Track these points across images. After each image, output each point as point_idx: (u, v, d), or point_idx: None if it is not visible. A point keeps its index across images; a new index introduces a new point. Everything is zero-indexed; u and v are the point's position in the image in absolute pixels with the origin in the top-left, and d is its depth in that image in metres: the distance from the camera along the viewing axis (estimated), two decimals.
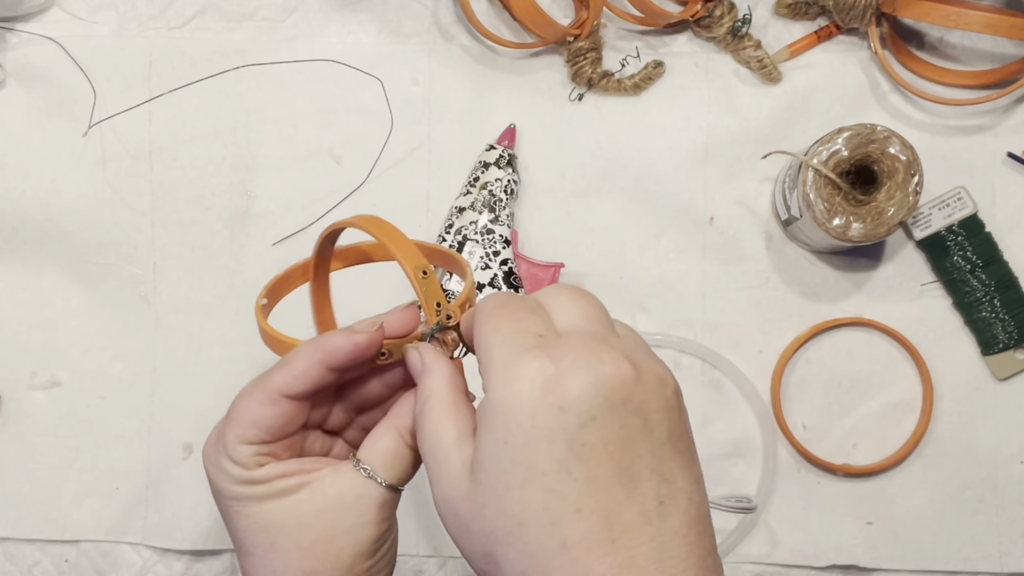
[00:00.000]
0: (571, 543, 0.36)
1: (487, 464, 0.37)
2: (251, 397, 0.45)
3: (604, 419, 0.36)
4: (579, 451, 0.36)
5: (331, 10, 0.71)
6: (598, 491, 0.36)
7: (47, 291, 0.71)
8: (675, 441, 0.38)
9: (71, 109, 0.71)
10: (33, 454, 0.71)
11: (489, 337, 0.39)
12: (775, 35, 0.71)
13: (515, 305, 0.40)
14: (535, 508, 0.36)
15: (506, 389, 0.37)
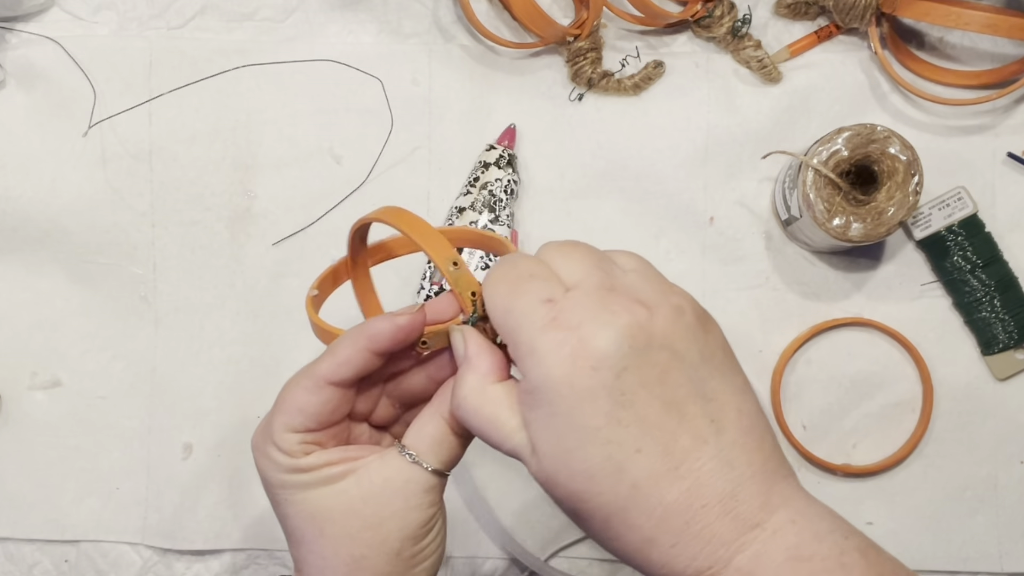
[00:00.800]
0: (640, 482, 0.38)
1: (543, 438, 0.39)
2: (297, 385, 0.46)
3: (635, 364, 0.38)
4: (621, 399, 0.38)
5: (331, 10, 0.71)
6: (650, 429, 0.38)
7: (47, 291, 0.71)
8: (709, 361, 0.40)
9: (71, 109, 0.71)
10: (33, 454, 0.71)
11: (505, 322, 0.40)
12: (775, 35, 0.71)
13: (515, 276, 0.41)
14: (599, 462, 0.38)
15: (538, 371, 0.38)
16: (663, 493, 0.38)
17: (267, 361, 0.71)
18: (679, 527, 0.38)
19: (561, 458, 0.39)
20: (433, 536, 0.45)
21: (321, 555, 0.44)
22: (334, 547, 0.44)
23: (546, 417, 0.39)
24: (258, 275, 0.70)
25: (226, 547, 0.70)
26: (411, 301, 0.70)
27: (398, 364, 0.47)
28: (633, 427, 0.38)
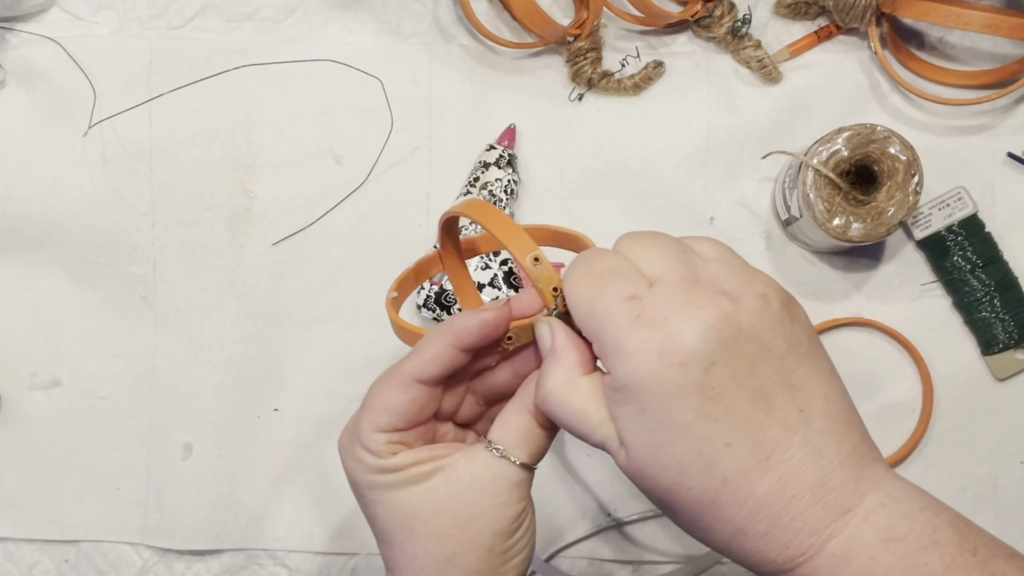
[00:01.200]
0: (730, 476, 0.38)
1: (632, 434, 0.39)
2: (385, 384, 0.45)
3: (723, 358, 0.38)
4: (711, 394, 0.38)
5: (331, 10, 0.71)
6: (740, 422, 0.38)
7: (47, 291, 0.71)
8: (796, 349, 0.40)
9: (71, 109, 0.71)
10: (33, 454, 0.71)
11: (589, 321, 0.40)
12: (775, 35, 0.71)
13: (596, 272, 0.41)
14: (689, 457, 0.38)
15: (626, 368, 0.38)
16: (754, 485, 0.38)
17: (267, 361, 0.71)
18: (770, 517, 0.38)
19: (651, 453, 0.39)
20: (524, 531, 0.45)
21: (412, 555, 0.44)
22: (425, 546, 0.44)
23: (635, 413, 0.39)
24: (258, 275, 0.70)
25: (226, 547, 0.70)
26: (411, 302, 0.70)
27: (483, 360, 0.47)
28: (723, 421, 0.38)
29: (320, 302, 0.70)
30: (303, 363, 0.71)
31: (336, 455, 0.69)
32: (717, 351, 0.38)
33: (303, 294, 0.71)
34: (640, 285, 0.40)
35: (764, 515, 0.38)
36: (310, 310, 0.71)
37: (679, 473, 0.39)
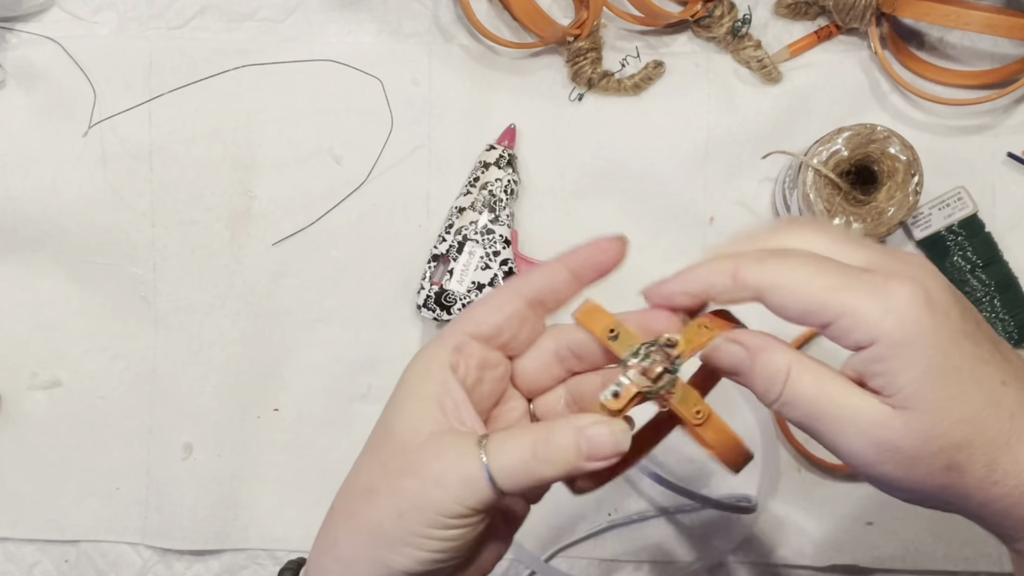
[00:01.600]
0: (1015, 411, 0.39)
1: (921, 394, 0.38)
2: (488, 297, 0.45)
3: (963, 306, 0.40)
4: (974, 338, 0.39)
5: (331, 10, 0.71)
6: (1000, 362, 0.40)
7: (47, 291, 0.71)
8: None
9: (71, 109, 0.71)
10: (33, 454, 0.71)
11: (828, 301, 0.39)
12: (775, 35, 0.71)
13: (811, 263, 0.40)
14: (978, 402, 0.39)
15: (903, 330, 0.38)
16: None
17: (267, 361, 0.71)
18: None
19: (941, 409, 0.38)
20: (457, 543, 0.41)
21: (367, 464, 0.43)
22: (382, 465, 0.42)
23: (922, 373, 0.38)
24: (258, 275, 0.70)
25: (226, 547, 0.70)
26: (411, 302, 0.70)
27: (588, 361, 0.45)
28: (991, 362, 0.39)
29: (320, 302, 0.70)
30: (303, 363, 0.71)
31: (336, 455, 0.70)
32: (957, 299, 0.39)
33: (303, 294, 0.71)
34: (856, 259, 0.40)
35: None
36: (310, 310, 0.71)
37: (971, 421, 0.38)
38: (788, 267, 0.40)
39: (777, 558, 0.69)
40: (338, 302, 0.71)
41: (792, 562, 0.69)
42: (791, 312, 0.40)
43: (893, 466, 0.40)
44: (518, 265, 0.68)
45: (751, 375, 0.41)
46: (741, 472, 0.45)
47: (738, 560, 0.69)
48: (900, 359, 0.38)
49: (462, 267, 0.68)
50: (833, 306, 0.39)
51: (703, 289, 0.43)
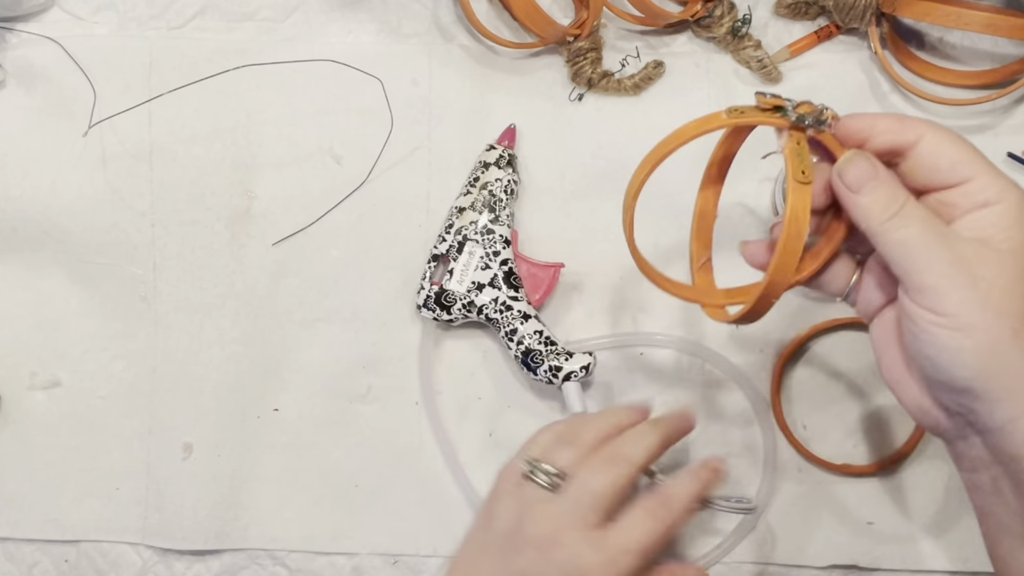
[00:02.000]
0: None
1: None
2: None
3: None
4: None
5: (331, 10, 0.71)
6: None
7: (47, 291, 0.71)
8: None
9: (71, 109, 0.71)
10: (33, 454, 0.71)
11: (977, 155, 0.47)
12: (775, 35, 0.71)
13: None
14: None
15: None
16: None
17: (267, 361, 0.71)
18: None
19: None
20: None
21: None
22: None
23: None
24: (258, 275, 0.70)
25: (226, 547, 0.70)
26: (411, 302, 0.70)
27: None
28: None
29: (320, 302, 0.70)
30: (303, 363, 0.71)
31: (336, 455, 0.70)
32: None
33: (303, 294, 0.71)
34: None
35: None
36: (310, 310, 0.71)
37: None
38: (944, 128, 0.47)
39: (776, 558, 0.69)
40: (338, 302, 0.71)
41: (791, 562, 0.69)
42: (943, 158, 0.46)
43: (983, 292, 0.44)
44: (518, 265, 0.68)
45: (874, 191, 0.46)
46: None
47: (737, 560, 0.69)
48: (1017, 218, 0.45)
49: (462, 267, 0.68)
50: (979, 166, 0.46)
51: (867, 126, 0.48)
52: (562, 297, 0.70)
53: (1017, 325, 0.44)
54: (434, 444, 0.70)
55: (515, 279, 0.68)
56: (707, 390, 0.70)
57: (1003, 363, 0.44)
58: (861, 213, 0.47)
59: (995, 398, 0.44)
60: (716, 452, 0.70)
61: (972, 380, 0.45)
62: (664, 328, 0.70)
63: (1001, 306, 0.44)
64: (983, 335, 0.44)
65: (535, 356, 0.67)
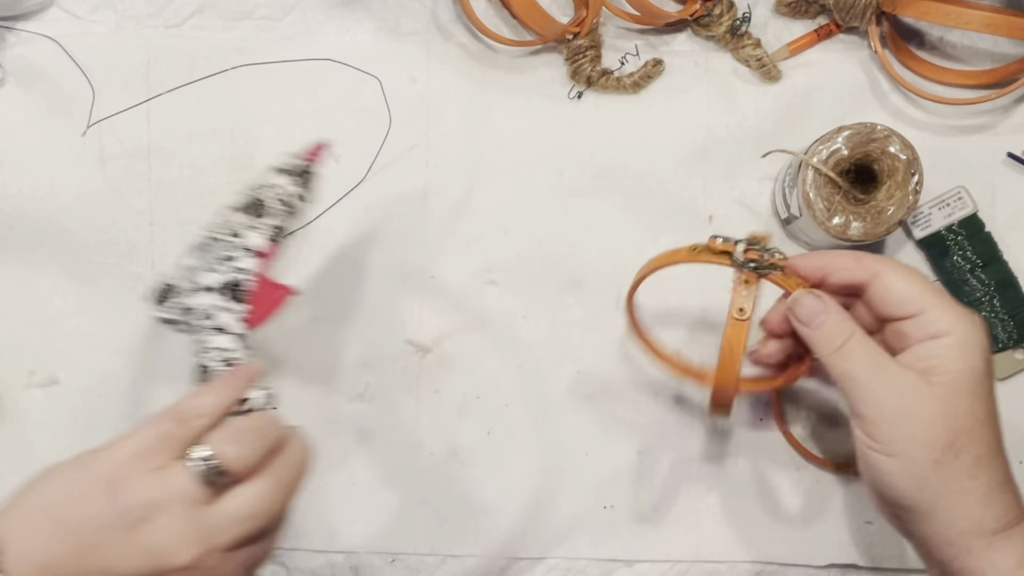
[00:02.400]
0: (997, 431, 0.52)
1: (960, 381, 0.50)
2: None
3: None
4: (991, 372, 0.52)
5: (329, 8, 0.71)
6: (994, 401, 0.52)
7: (45, 289, 0.71)
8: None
9: (69, 108, 0.71)
10: (30, 453, 0.71)
11: (930, 290, 0.52)
12: (775, 33, 0.71)
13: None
14: (990, 409, 0.51)
15: (972, 334, 0.50)
16: (997, 430, 0.53)
17: (265, 360, 0.71)
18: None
19: (967, 396, 0.51)
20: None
21: None
22: None
23: (969, 370, 0.51)
24: None
25: None
26: (410, 300, 0.70)
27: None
28: (991, 396, 0.53)
29: (318, 300, 0.70)
30: (300, 361, 0.71)
31: (334, 453, 0.70)
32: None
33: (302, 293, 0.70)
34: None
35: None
36: (307, 309, 0.70)
37: (983, 420, 0.50)
38: (899, 264, 0.53)
39: (777, 557, 0.69)
40: (336, 300, 0.71)
41: (790, 561, 0.69)
42: (895, 294, 0.51)
43: (910, 425, 0.49)
44: (258, 283, 0.57)
45: (822, 326, 0.52)
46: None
47: (737, 559, 0.69)
48: (961, 352, 0.50)
49: (196, 266, 0.58)
50: (931, 300, 0.51)
51: (824, 264, 0.54)
52: (561, 297, 0.70)
53: (939, 455, 0.49)
54: (432, 442, 0.70)
55: (239, 293, 0.57)
56: (707, 390, 0.70)
57: (926, 487, 0.49)
58: (812, 344, 0.53)
59: (920, 515, 0.50)
60: (717, 450, 0.70)
61: (900, 497, 0.50)
62: (664, 328, 0.70)
63: (925, 438, 0.49)
64: (908, 462, 0.49)
65: (205, 375, 0.56)
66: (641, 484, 0.70)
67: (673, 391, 0.70)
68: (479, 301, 0.70)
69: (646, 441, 0.70)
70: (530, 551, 0.70)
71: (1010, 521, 0.50)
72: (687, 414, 0.70)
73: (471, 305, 0.69)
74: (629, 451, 0.70)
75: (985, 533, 0.49)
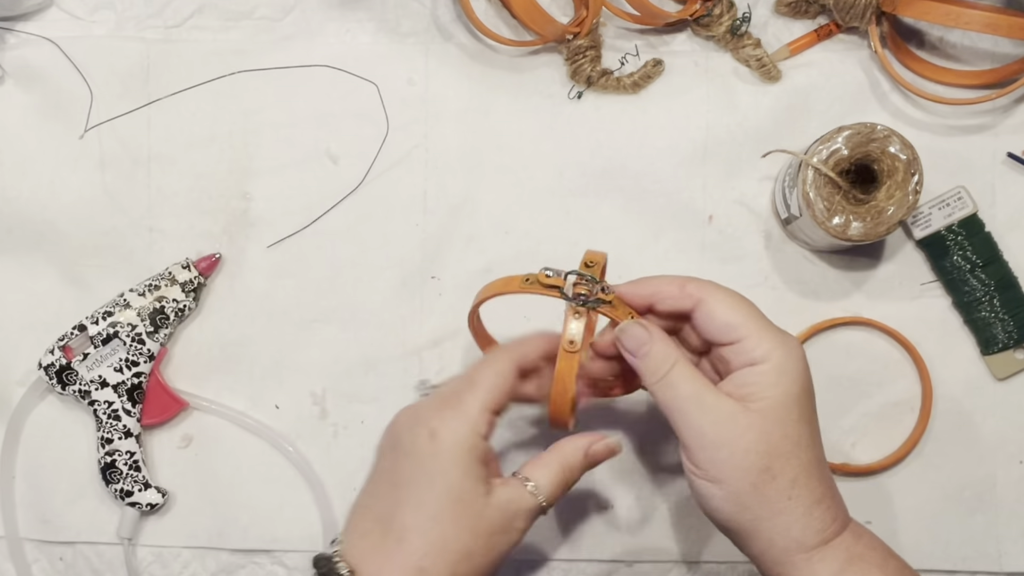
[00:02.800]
0: (815, 455, 0.53)
1: (775, 407, 0.51)
2: (494, 369, 0.56)
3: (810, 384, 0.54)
4: (812, 401, 0.54)
5: (329, 8, 0.71)
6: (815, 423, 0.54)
7: (42, 293, 0.71)
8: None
9: (69, 111, 0.71)
10: (26, 456, 0.71)
11: (751, 316, 0.53)
12: (775, 33, 0.71)
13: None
14: (805, 434, 0.52)
15: (788, 361, 0.52)
16: (822, 452, 0.55)
17: (266, 362, 0.71)
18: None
19: (781, 423, 0.52)
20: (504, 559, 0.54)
21: (433, 529, 0.52)
22: (446, 530, 0.52)
23: (786, 394, 0.53)
24: (256, 277, 0.70)
25: (225, 547, 0.70)
26: (409, 302, 0.70)
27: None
28: (812, 421, 0.55)
29: (318, 303, 0.70)
30: (301, 363, 0.71)
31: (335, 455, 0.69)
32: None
33: (301, 295, 0.71)
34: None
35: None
36: (308, 311, 0.70)
37: (797, 443, 0.52)
38: (724, 291, 0.54)
39: None
40: (336, 303, 0.71)
41: None
42: (716, 322, 0.53)
43: (727, 452, 0.51)
44: (151, 383, 0.69)
45: (646, 356, 0.53)
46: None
47: (737, 559, 0.69)
48: (775, 378, 0.51)
49: (98, 358, 0.68)
50: (749, 327, 0.52)
51: (652, 292, 0.56)
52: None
53: (755, 479, 0.51)
54: None
55: (138, 395, 0.68)
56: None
57: (747, 510, 0.51)
58: (638, 371, 0.54)
59: (745, 536, 0.53)
60: None
61: (726, 520, 0.52)
62: None
63: (742, 464, 0.51)
64: (728, 488, 0.51)
65: (115, 473, 0.68)
66: (641, 484, 0.70)
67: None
68: None
69: (646, 441, 0.70)
70: (530, 552, 0.70)
71: (829, 535, 0.53)
72: None
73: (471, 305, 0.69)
74: (629, 451, 0.70)
75: (806, 548, 0.52)
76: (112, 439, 0.68)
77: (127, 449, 0.68)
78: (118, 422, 0.68)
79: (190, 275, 0.69)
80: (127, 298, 0.68)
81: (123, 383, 0.68)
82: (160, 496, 0.69)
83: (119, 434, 0.68)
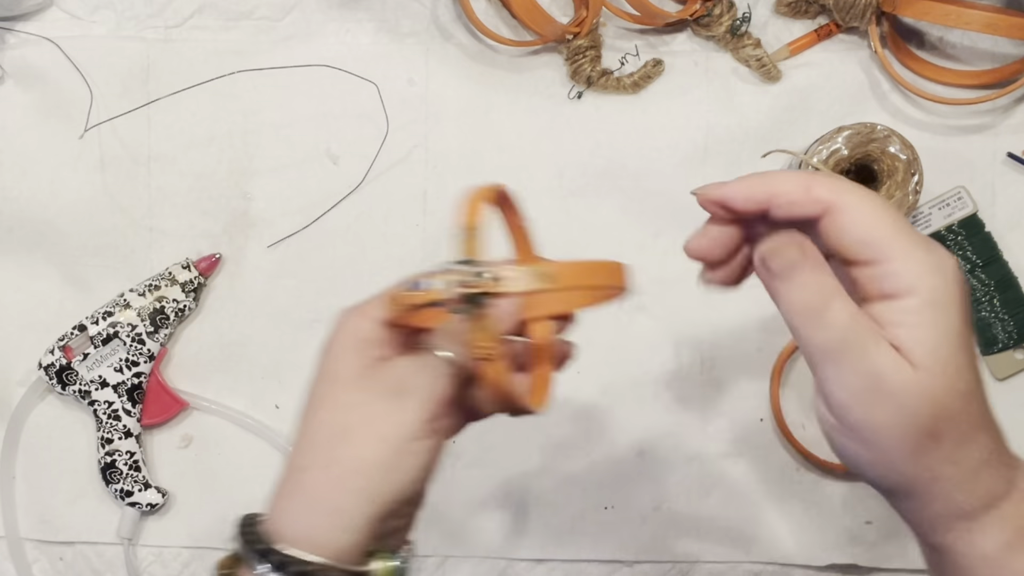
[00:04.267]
0: (984, 400, 0.42)
1: (936, 356, 0.40)
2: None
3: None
4: (970, 328, 0.41)
5: (329, 8, 0.71)
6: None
7: (42, 292, 0.71)
8: None
9: (69, 111, 0.71)
10: (27, 456, 0.71)
11: (892, 232, 0.40)
12: (775, 33, 0.71)
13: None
14: (972, 382, 0.41)
15: (944, 292, 0.40)
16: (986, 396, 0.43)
17: (266, 362, 0.71)
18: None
19: (945, 374, 0.40)
20: (420, 454, 0.44)
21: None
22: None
23: (946, 334, 0.40)
24: (256, 276, 0.70)
25: (225, 547, 0.70)
26: None
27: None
28: (975, 354, 0.42)
29: (318, 302, 0.70)
30: (302, 362, 0.70)
31: None
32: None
33: (301, 295, 0.71)
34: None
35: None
36: (308, 311, 0.70)
37: (966, 397, 0.41)
38: (861, 195, 0.41)
39: (777, 557, 0.69)
40: (336, 303, 0.70)
41: (791, 561, 0.69)
42: (849, 237, 0.41)
43: (885, 416, 0.40)
44: (150, 383, 0.69)
45: (801, 287, 0.42)
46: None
47: (737, 559, 0.69)
48: (931, 317, 0.40)
49: (98, 358, 0.68)
50: (893, 245, 0.40)
51: (770, 196, 0.43)
52: None
53: (917, 445, 0.41)
54: None
55: (138, 395, 0.68)
56: (706, 389, 0.70)
57: (902, 476, 0.42)
58: (781, 303, 0.43)
59: (894, 497, 0.44)
60: (716, 452, 0.70)
61: (874, 480, 0.43)
62: (663, 327, 0.70)
63: (903, 430, 0.41)
64: (881, 453, 0.42)
65: (115, 473, 0.68)
66: (641, 484, 0.70)
67: (674, 392, 0.70)
68: None
69: (646, 441, 0.70)
70: (530, 552, 0.70)
71: (994, 499, 0.42)
72: (687, 414, 0.70)
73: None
74: (629, 451, 0.70)
75: (966, 515, 0.42)
76: (112, 439, 0.68)
77: (127, 449, 0.68)
78: (118, 422, 0.68)
79: (190, 275, 0.69)
80: (127, 298, 0.68)
81: (123, 383, 0.68)
82: (160, 496, 0.69)
83: (119, 434, 0.68)
